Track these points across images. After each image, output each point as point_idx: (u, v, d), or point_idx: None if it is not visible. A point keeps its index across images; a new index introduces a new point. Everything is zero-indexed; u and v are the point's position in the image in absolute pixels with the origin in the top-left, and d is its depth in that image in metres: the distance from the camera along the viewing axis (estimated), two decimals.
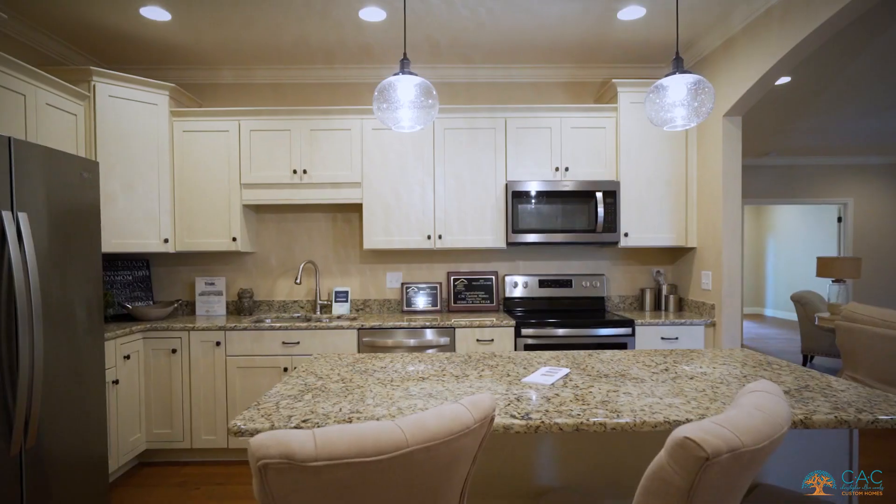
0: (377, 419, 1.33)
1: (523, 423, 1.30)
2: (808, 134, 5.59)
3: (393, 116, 1.90)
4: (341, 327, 3.07)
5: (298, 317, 3.57)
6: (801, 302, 5.21)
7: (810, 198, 6.91)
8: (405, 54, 1.93)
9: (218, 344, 3.06)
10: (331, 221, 3.71)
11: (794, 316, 8.70)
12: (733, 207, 3.04)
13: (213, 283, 3.58)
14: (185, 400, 3.06)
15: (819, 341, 5.07)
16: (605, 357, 2.01)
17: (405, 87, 1.87)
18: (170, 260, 3.67)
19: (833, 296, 4.68)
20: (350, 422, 1.31)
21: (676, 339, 3.10)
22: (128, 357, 2.89)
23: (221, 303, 3.58)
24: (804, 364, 5.43)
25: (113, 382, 2.76)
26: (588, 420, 1.31)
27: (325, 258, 3.71)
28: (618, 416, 1.34)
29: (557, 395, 1.52)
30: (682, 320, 3.10)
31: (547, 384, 1.61)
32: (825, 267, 4.80)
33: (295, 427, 1.30)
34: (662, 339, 3.10)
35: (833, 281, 4.76)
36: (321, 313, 3.62)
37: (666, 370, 1.80)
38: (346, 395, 1.54)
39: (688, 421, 1.31)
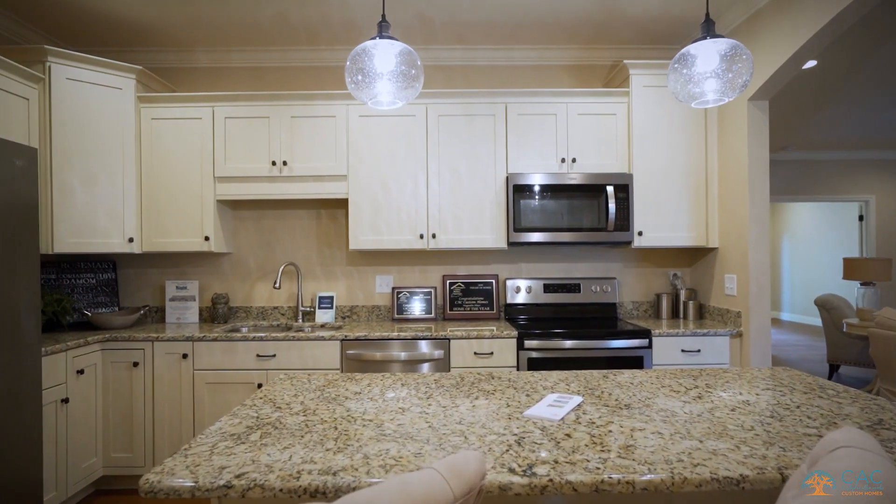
0: (333, 473, 1.00)
1: (525, 481, 0.97)
2: (829, 126, 5.24)
3: (369, 91, 1.58)
4: (322, 338, 2.75)
5: (278, 325, 3.24)
6: (827, 307, 4.85)
7: (830, 195, 6.55)
8: (384, 16, 1.60)
9: (185, 356, 2.74)
10: (315, 219, 3.39)
11: (813, 320, 8.36)
12: (760, 203, 2.70)
13: (184, 287, 3.27)
14: (148, 420, 2.74)
15: (847, 349, 4.72)
16: (624, 380, 1.68)
17: (384, 55, 1.55)
18: (138, 261, 3.35)
19: (861, 300, 4.33)
20: (298, 478, 0.99)
21: (699, 351, 2.76)
22: (81, 372, 2.57)
23: (194, 309, 3.27)
24: (830, 376, 5.08)
25: (62, 401, 2.44)
26: (610, 477, 0.98)
27: (309, 260, 3.38)
28: (649, 469, 1.01)
29: (569, 435, 1.19)
30: (705, 330, 2.76)
31: (556, 419, 1.28)
32: (853, 268, 4.45)
33: (225, 485, 0.98)
34: (683, 351, 2.76)
35: (861, 284, 4.41)
36: (303, 321, 3.29)
37: (699, 397, 1.47)
38: (304, 433, 1.22)
39: (743, 478, 0.98)
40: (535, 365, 2.74)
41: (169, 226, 3.02)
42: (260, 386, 2.73)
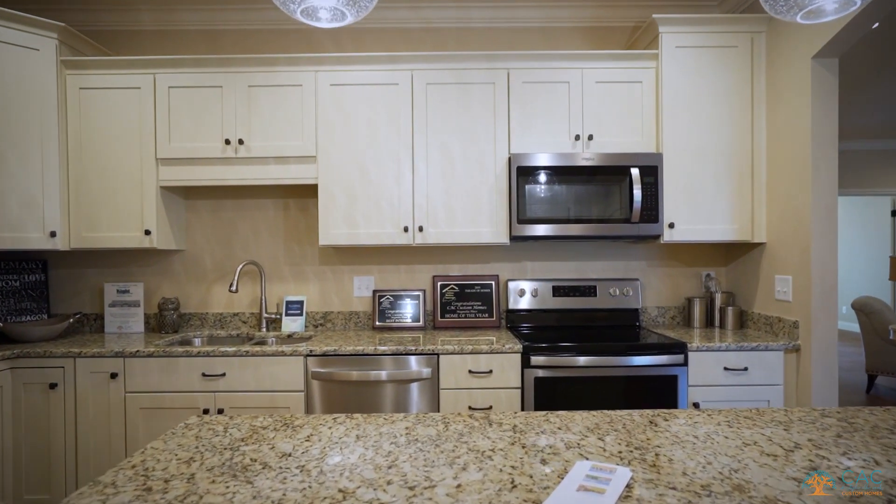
0: None
1: None
2: (858, 113, 4.71)
3: None
4: (282, 354, 2.23)
5: (238, 336, 2.73)
6: (866, 311, 4.32)
7: (858, 188, 6.01)
8: None
9: (114, 376, 2.22)
10: (281, 210, 2.87)
11: (846, 324, 7.77)
12: (827, 189, 2.18)
13: (126, 291, 2.75)
14: (70, 454, 2.23)
15: (889, 357, 4.19)
16: (682, 429, 1.16)
17: None
18: (72, 260, 2.84)
19: None
20: None
21: (745, 369, 2.24)
22: None
23: (139, 316, 2.75)
24: (869, 388, 4.55)
25: None
26: None
27: (275, 258, 2.86)
28: None
29: None
30: (754, 343, 2.24)
31: None
32: None
33: None
34: (726, 369, 2.24)
35: None
36: (268, 330, 2.78)
37: (812, 468, 0.94)
38: None
39: None
40: (543, 387, 2.22)
41: (102, 217, 2.51)
42: (206, 412, 2.22)
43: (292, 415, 1.26)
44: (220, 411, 2.22)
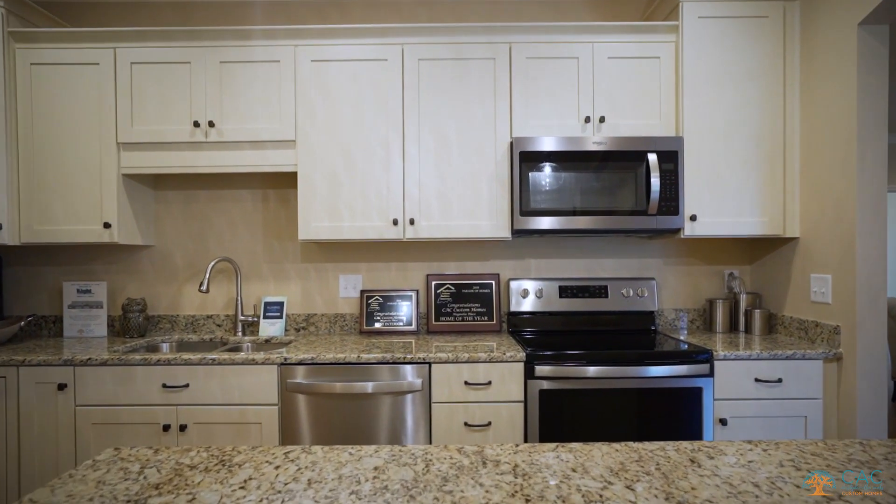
0: None
1: None
2: None
3: None
4: (253, 362, 1.97)
5: (211, 340, 2.46)
6: (892, 313, 4.04)
7: None
8: None
9: (62, 387, 1.96)
10: (260, 202, 2.60)
11: None
12: (875, 177, 1.91)
13: (88, 291, 2.49)
14: (11, 476, 1.97)
15: None
16: (737, 477, 0.88)
17: None
18: (28, 257, 2.58)
19: None
20: None
21: (779, 381, 1.96)
22: None
23: (101, 319, 2.49)
24: (894, 395, 4.26)
25: None
26: None
27: (252, 255, 2.60)
28: None
29: None
30: (789, 352, 1.96)
31: None
32: None
33: None
34: (757, 381, 1.97)
35: None
36: (244, 334, 2.51)
37: None
38: None
39: None
40: (549, 401, 1.95)
41: (56, 209, 2.25)
42: (167, 429, 1.95)
43: (234, 447, 0.99)
44: (183, 427, 1.96)
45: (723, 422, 1.96)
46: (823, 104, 2.06)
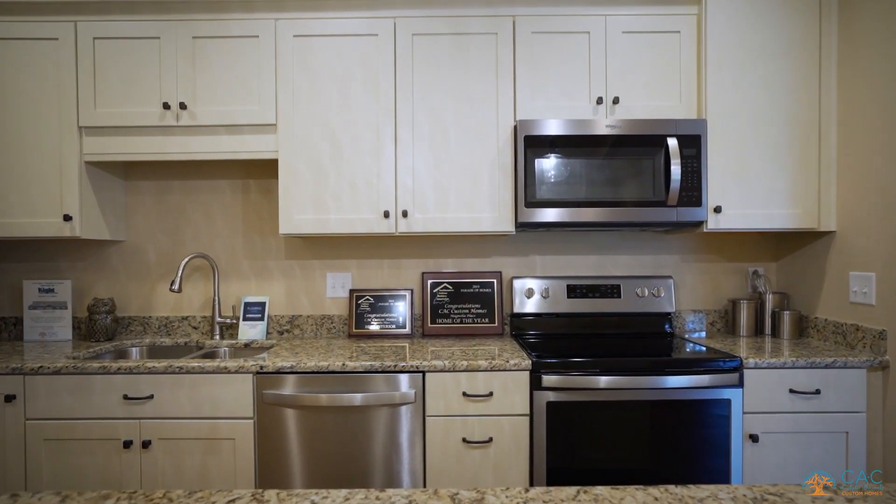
0: None
1: None
2: None
3: None
4: (225, 370, 1.75)
5: (185, 345, 2.25)
6: None
7: None
8: None
9: (10, 399, 1.75)
10: (240, 192, 2.38)
11: None
12: None
13: (51, 290, 2.28)
14: None
15: None
16: None
17: None
18: None
19: None
20: None
21: (817, 392, 1.74)
22: None
23: (65, 321, 2.28)
24: None
25: None
26: None
27: (232, 251, 2.38)
28: None
29: None
30: (829, 359, 1.74)
31: None
32: None
33: None
34: (792, 392, 1.75)
35: None
36: (222, 338, 2.30)
37: None
38: None
39: None
40: (558, 415, 1.73)
41: (11, 200, 2.03)
42: (128, 445, 1.74)
43: (165, 494, 0.77)
44: (147, 444, 1.74)
45: (753, 438, 1.74)
46: (866, 79, 1.83)
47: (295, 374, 1.76)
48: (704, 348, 1.94)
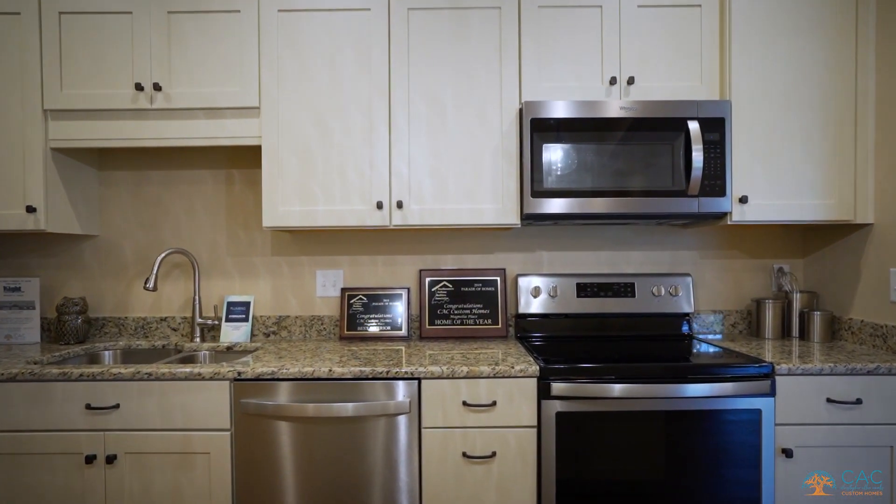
0: None
1: None
2: None
3: None
4: (200, 377, 1.57)
5: (164, 348, 2.07)
6: None
7: None
8: None
9: None
10: (223, 183, 2.21)
11: None
12: None
13: (17, 289, 2.10)
14: None
15: None
16: None
17: None
18: None
19: None
20: None
21: (858, 402, 1.56)
22: None
23: (33, 322, 2.10)
24: None
25: None
26: None
27: (214, 246, 2.21)
28: None
29: None
30: (871, 365, 1.56)
31: None
32: None
33: None
34: (829, 401, 1.57)
35: None
36: (203, 340, 2.12)
37: None
38: None
39: None
40: (568, 427, 1.55)
41: None
42: (91, 460, 1.56)
43: None
44: (111, 458, 1.56)
45: (786, 452, 1.56)
46: None
47: (277, 381, 1.58)
48: (729, 352, 1.77)
